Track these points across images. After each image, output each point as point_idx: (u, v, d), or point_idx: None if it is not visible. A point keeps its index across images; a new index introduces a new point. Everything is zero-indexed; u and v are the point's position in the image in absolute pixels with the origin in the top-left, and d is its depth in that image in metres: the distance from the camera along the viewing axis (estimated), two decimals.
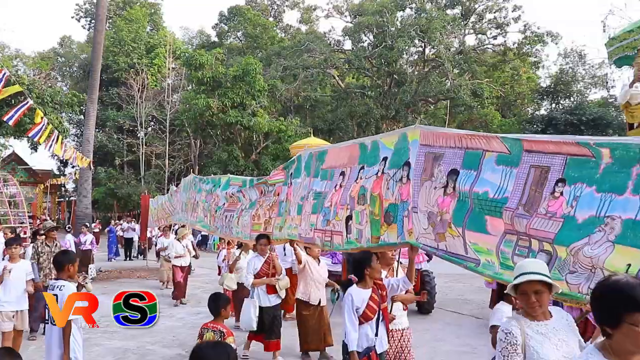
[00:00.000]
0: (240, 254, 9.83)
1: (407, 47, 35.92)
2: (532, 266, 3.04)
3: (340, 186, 5.59)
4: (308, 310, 7.99)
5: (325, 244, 5.84)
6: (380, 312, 4.88)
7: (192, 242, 15.39)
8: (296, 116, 37.79)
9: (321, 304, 8.07)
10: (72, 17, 53.85)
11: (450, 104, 36.15)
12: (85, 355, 5.94)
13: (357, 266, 4.87)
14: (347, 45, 40.82)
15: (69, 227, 20.42)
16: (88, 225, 18.68)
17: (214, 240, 29.18)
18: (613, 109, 33.25)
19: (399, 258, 6.18)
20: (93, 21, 40.00)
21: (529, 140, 3.56)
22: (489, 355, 8.33)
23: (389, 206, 4.80)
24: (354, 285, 4.84)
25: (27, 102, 9.08)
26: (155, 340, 9.07)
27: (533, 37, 36.15)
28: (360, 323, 4.72)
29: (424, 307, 11.09)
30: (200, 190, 10.91)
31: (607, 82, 37.22)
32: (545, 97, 40.35)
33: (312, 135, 26.56)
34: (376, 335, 4.82)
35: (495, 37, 38.93)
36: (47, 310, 5.39)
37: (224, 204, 9.45)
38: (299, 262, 7.99)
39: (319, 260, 8.34)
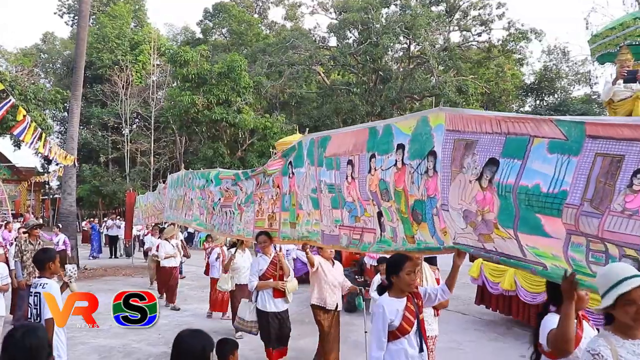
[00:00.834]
0: (235, 252, 9.22)
1: (392, 44, 35.99)
2: (629, 270, 2.63)
3: (352, 178, 4.84)
4: (326, 316, 7.26)
5: (353, 242, 5.05)
6: (419, 324, 4.28)
7: (182, 240, 14.91)
8: (282, 113, 37.77)
9: (337, 309, 7.39)
10: (55, 13, 53.49)
11: (436, 100, 36.23)
12: (69, 354, 5.91)
13: (388, 271, 4.29)
14: (332, 42, 40.87)
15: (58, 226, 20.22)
16: (60, 226, 18.42)
17: (199, 238, 29.12)
18: (596, 106, 33.60)
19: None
20: (76, 17, 39.67)
21: (593, 124, 2.91)
22: (476, 351, 8.42)
23: (415, 203, 4.14)
24: (386, 294, 4.22)
25: (10, 100, 8.98)
26: (141, 338, 9.03)
27: (517, 34, 36.38)
28: (396, 337, 4.11)
29: None
30: (193, 187, 10.11)
31: (590, 79, 37.60)
32: (529, 93, 40.67)
33: (297, 132, 26.55)
34: (421, 350, 4.20)
35: (479, 34, 39.17)
36: (29, 309, 5.35)
37: (219, 199, 8.71)
38: (312, 264, 7.20)
39: (333, 262, 7.56)
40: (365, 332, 7.01)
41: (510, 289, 9.21)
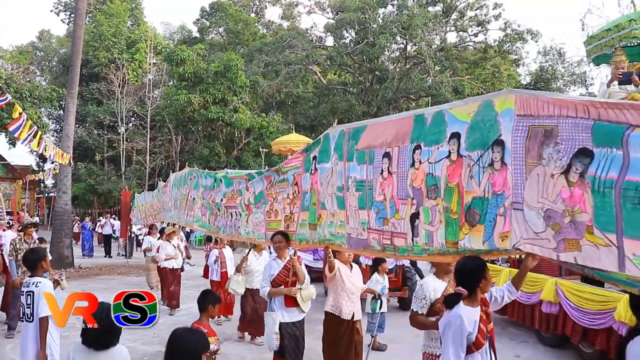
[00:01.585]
0: (248, 253, 8.72)
1: (388, 44, 35.97)
2: None
3: (390, 172, 4.26)
4: (339, 326, 6.60)
5: (388, 247, 4.41)
6: (490, 335, 3.90)
7: (183, 241, 14.36)
8: (278, 112, 37.75)
9: (355, 318, 6.69)
10: (51, 11, 53.33)
11: (432, 100, 36.20)
12: (62, 353, 5.89)
13: (469, 276, 3.77)
14: (329, 41, 40.83)
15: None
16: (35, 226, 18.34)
17: (195, 237, 29.08)
18: None
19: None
20: (73, 15, 39.61)
21: None
22: None
23: (474, 201, 3.59)
24: (462, 302, 3.74)
25: (6, 97, 8.95)
26: (136, 337, 9.01)
27: (513, 35, 36.41)
28: (470, 352, 3.72)
29: (405, 303, 11.20)
30: (197, 186, 9.56)
31: (586, 80, 37.65)
32: None
33: (293, 131, 26.55)
34: None
35: (476, 35, 39.17)
36: (22, 308, 5.34)
37: (221, 199, 8.21)
38: (331, 269, 6.50)
39: (351, 266, 6.88)
40: (373, 336, 7.06)
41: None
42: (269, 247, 7.27)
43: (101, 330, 3.97)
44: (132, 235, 22.91)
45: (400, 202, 4.20)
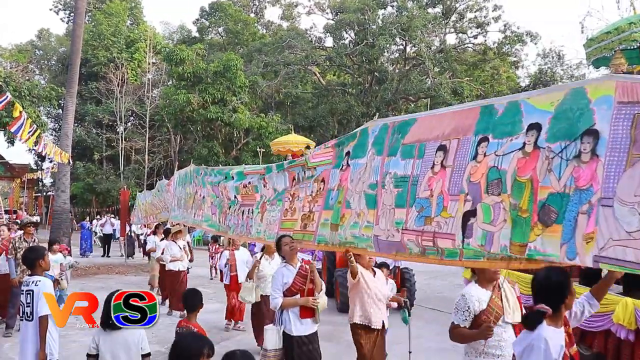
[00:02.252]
0: (260, 258, 8.04)
1: (388, 45, 36.04)
2: None
3: (443, 166, 3.88)
4: (369, 337, 6.07)
5: (429, 250, 3.94)
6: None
7: (188, 242, 13.69)
8: (277, 113, 37.78)
9: (385, 327, 6.21)
10: (51, 10, 53.27)
11: (431, 102, 36.23)
12: (62, 352, 5.89)
13: (554, 291, 3.34)
14: (329, 42, 40.88)
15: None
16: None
17: (194, 237, 29.02)
18: None
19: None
20: (72, 14, 39.62)
21: None
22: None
23: (550, 197, 3.19)
24: (544, 322, 3.27)
25: (7, 96, 8.94)
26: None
27: (513, 37, 36.48)
28: None
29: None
30: (204, 184, 9.07)
31: None
32: None
33: (292, 132, 26.55)
34: None
35: (475, 37, 39.26)
36: (22, 307, 5.34)
37: (235, 196, 7.63)
38: (354, 275, 5.97)
39: (374, 271, 6.34)
40: (410, 352, 6.30)
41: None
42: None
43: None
44: (133, 234, 22.77)
45: (451, 199, 3.79)
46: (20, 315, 5.35)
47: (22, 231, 10.31)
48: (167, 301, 11.55)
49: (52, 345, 5.21)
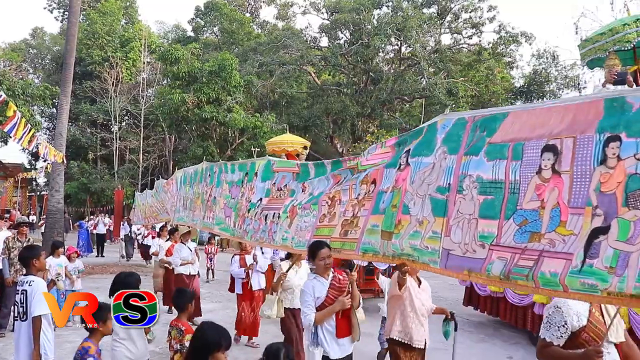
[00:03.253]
0: (290, 268, 7.07)
1: (383, 45, 36.06)
2: None
3: (556, 172, 3.17)
4: (410, 355, 5.52)
5: (518, 271, 3.15)
6: None
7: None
8: (272, 112, 37.74)
9: (427, 345, 5.67)
10: (45, 8, 53.19)
11: (426, 102, 36.36)
12: (56, 353, 5.87)
13: None
14: (324, 42, 40.89)
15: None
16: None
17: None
18: None
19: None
20: (66, 13, 39.44)
21: None
22: (463, 352, 8.42)
23: None
24: None
25: (1, 96, 8.89)
26: None
27: (507, 37, 36.58)
28: None
29: None
30: (219, 183, 8.23)
31: (579, 83, 37.83)
32: (518, 96, 40.85)
33: (287, 131, 26.54)
34: None
35: (470, 37, 39.30)
36: (16, 307, 5.32)
37: (260, 199, 6.68)
38: (402, 286, 5.31)
39: (420, 281, 5.68)
40: None
41: (498, 290, 9.28)
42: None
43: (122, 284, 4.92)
44: (133, 235, 22.60)
45: (571, 212, 3.09)
46: (15, 315, 5.33)
47: (16, 230, 10.30)
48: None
49: (46, 345, 5.20)
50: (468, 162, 3.69)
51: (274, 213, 6.19)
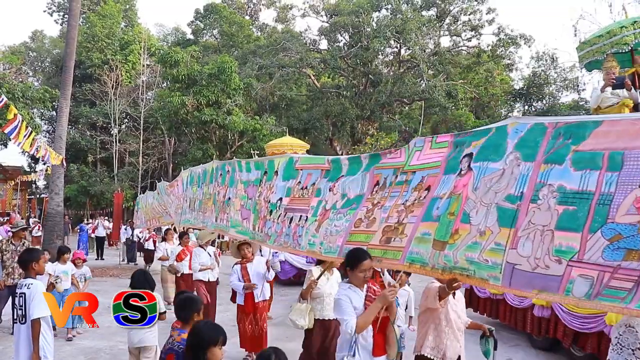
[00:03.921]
0: (320, 276, 6.49)
1: (382, 48, 36.09)
2: None
3: None
4: None
5: (608, 297, 2.85)
6: None
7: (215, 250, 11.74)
8: (271, 115, 37.76)
9: None
10: (45, 11, 53.51)
11: (425, 104, 36.41)
12: (55, 355, 5.88)
13: None
14: (323, 44, 40.93)
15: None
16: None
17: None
18: (584, 112, 33.85)
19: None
20: (66, 16, 39.49)
21: None
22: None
23: None
24: None
25: (2, 99, 8.90)
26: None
27: (507, 40, 36.63)
28: None
29: None
30: (232, 182, 7.61)
31: (578, 85, 37.89)
32: (518, 99, 40.91)
33: (287, 134, 26.57)
34: None
35: (469, 39, 39.37)
36: (15, 310, 5.33)
37: (280, 199, 6.12)
38: (442, 299, 4.82)
39: (454, 292, 5.08)
40: None
41: (497, 292, 9.28)
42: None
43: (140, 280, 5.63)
44: (135, 239, 22.48)
45: None
46: (14, 318, 5.34)
47: (12, 234, 10.29)
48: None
49: (46, 347, 5.20)
50: (549, 171, 3.36)
51: (300, 215, 5.66)
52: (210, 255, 10.21)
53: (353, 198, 4.99)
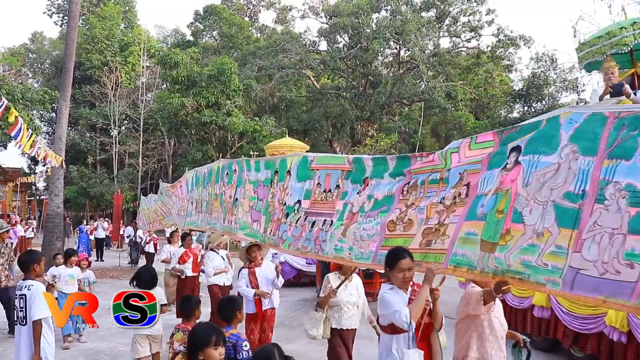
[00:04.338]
0: (341, 283, 6.04)
1: (382, 49, 36.10)
2: None
3: None
4: None
5: None
6: None
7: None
8: (271, 116, 37.78)
9: None
10: (44, 13, 53.59)
11: (425, 105, 36.42)
12: (56, 356, 5.87)
13: None
14: (323, 46, 40.93)
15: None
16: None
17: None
18: None
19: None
20: (66, 17, 39.52)
21: None
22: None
23: None
24: None
25: (3, 102, 8.90)
26: (128, 342, 8.91)
27: (506, 41, 36.65)
28: None
29: None
30: (241, 182, 7.11)
31: (577, 86, 37.89)
32: (517, 100, 40.92)
33: (286, 135, 26.58)
34: None
35: (469, 40, 39.39)
36: (15, 311, 5.33)
37: (298, 201, 5.68)
38: (487, 304, 4.35)
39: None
40: None
41: None
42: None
43: (147, 279, 5.91)
44: (138, 240, 22.40)
45: None
46: (15, 319, 5.34)
47: None
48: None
49: (47, 349, 5.19)
50: (614, 167, 3.00)
51: (325, 220, 5.21)
52: (223, 259, 9.93)
53: (382, 199, 4.63)
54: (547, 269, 3.10)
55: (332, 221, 5.09)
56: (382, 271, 4.39)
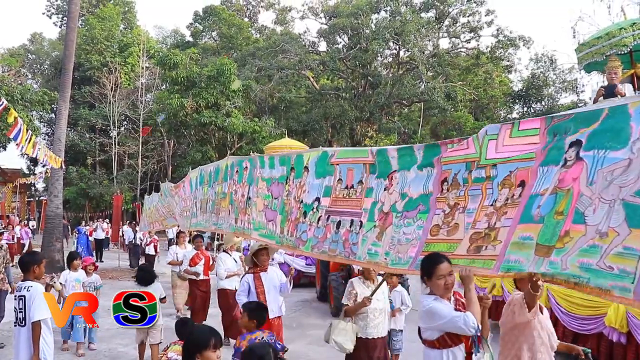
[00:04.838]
0: (375, 290, 5.67)
1: (381, 50, 36.13)
2: None
3: None
4: None
5: None
6: None
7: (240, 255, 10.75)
8: (270, 117, 37.78)
9: None
10: (44, 14, 53.41)
11: (424, 106, 36.44)
12: (55, 358, 5.87)
13: None
14: (322, 46, 40.95)
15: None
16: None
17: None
18: None
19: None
20: (65, 18, 39.53)
21: None
22: None
23: None
24: None
25: (3, 103, 8.90)
26: (127, 342, 8.97)
27: (505, 41, 36.67)
28: None
29: None
30: (253, 180, 6.67)
31: (577, 87, 37.95)
32: (517, 100, 40.97)
33: (286, 136, 26.57)
34: None
35: (468, 41, 39.40)
36: (14, 312, 5.33)
37: (316, 199, 5.26)
38: (531, 307, 3.96)
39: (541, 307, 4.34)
40: None
41: (497, 294, 9.28)
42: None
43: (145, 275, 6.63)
44: (138, 242, 22.29)
45: None
46: (14, 320, 5.34)
47: None
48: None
49: (46, 350, 5.20)
50: None
51: (352, 220, 4.78)
52: (236, 261, 9.55)
53: (417, 198, 4.19)
54: (612, 273, 2.75)
55: (361, 222, 4.66)
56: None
